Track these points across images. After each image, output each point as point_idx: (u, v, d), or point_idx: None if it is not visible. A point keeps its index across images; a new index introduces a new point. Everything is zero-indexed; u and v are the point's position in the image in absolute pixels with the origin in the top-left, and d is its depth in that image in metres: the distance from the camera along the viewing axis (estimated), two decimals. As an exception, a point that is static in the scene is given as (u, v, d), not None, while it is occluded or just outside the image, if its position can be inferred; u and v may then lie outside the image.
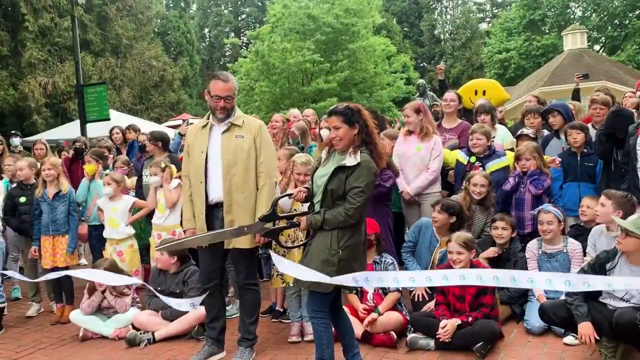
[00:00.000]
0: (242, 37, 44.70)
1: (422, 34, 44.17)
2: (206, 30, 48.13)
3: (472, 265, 4.28)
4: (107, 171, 6.17)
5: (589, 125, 5.58)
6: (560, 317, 3.85)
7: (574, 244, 4.56)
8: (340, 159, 3.44)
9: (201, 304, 4.17)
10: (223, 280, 4.29)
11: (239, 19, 49.36)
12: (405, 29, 44.32)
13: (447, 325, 4.06)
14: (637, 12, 36.63)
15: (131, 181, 6.28)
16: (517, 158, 5.19)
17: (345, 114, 3.43)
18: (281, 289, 4.94)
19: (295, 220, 3.65)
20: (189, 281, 4.85)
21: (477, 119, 6.05)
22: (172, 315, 4.77)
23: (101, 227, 5.73)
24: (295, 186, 4.40)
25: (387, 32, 34.61)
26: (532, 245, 4.67)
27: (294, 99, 25.30)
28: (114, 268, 4.92)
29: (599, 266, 3.66)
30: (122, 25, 26.73)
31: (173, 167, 5.47)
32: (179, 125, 10.17)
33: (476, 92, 7.67)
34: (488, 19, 47.67)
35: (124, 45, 26.95)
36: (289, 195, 3.92)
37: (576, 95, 8.29)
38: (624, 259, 3.60)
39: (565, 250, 4.54)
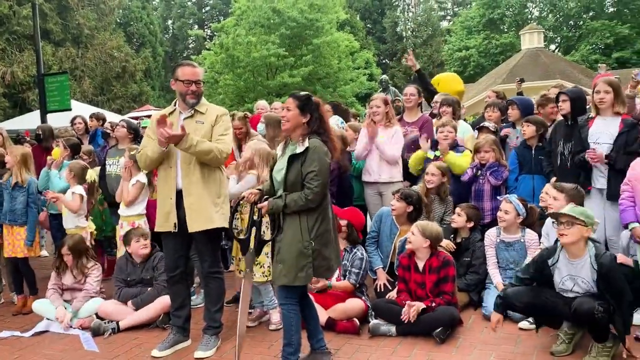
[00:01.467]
0: (206, 30, 44.24)
1: (384, 30, 44.59)
2: (169, 21, 47.39)
3: (436, 255, 4.42)
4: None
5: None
6: (522, 302, 3.87)
7: (531, 235, 4.75)
8: (292, 149, 3.54)
9: (166, 292, 4.19)
10: (187, 268, 4.33)
11: (203, 11, 48.80)
12: (369, 25, 44.65)
13: (414, 306, 4.18)
14: (591, 14, 37.95)
15: (94, 171, 6.22)
16: (477, 150, 5.37)
17: (301, 100, 3.54)
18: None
19: (256, 218, 3.74)
20: (158, 266, 4.89)
21: (439, 111, 6.20)
22: (143, 302, 4.78)
23: (61, 216, 5.65)
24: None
25: (351, 29, 34.82)
26: (491, 233, 4.85)
27: (258, 93, 25.23)
28: (79, 245, 4.98)
29: (542, 262, 3.82)
30: (84, 14, 26.15)
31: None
32: (141, 117, 10.07)
33: (437, 84, 7.87)
34: (449, 17, 48.55)
35: (85, 35, 26.38)
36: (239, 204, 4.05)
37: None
38: (563, 254, 3.74)
39: (522, 240, 4.74)
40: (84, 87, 25.31)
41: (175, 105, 4.12)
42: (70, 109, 11.87)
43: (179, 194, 4.00)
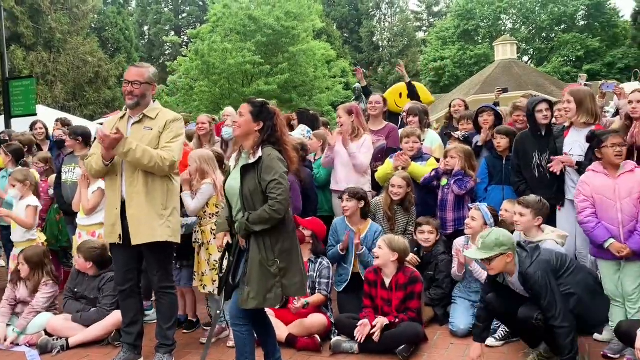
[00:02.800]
0: (182, 36, 43.92)
1: (361, 40, 44.81)
2: (146, 27, 46.99)
3: (403, 270, 4.30)
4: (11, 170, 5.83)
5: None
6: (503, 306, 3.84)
7: None
8: (245, 160, 3.38)
9: (117, 307, 4.00)
10: (140, 282, 4.10)
11: (180, 17, 48.47)
12: (345, 34, 44.82)
13: (377, 324, 4.07)
14: (562, 27, 38.73)
15: (50, 179, 6.00)
16: (444, 156, 5.25)
17: (255, 106, 3.38)
18: (200, 296, 4.82)
19: (232, 258, 3.48)
20: (104, 288, 4.65)
21: (406, 121, 6.08)
22: (83, 319, 4.57)
23: (10, 227, 5.39)
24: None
25: (328, 37, 34.86)
26: (459, 242, 4.72)
27: (233, 100, 24.98)
28: (37, 256, 4.79)
29: (494, 282, 3.84)
30: (56, 19, 25.76)
31: None
32: None
33: (401, 95, 7.77)
34: (425, 28, 48.95)
35: (57, 39, 25.96)
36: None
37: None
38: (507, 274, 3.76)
39: None
40: (55, 93, 24.89)
41: (126, 110, 3.93)
42: (35, 114, 11.53)
43: (124, 204, 3.80)
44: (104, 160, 3.72)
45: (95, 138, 4.11)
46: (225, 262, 3.55)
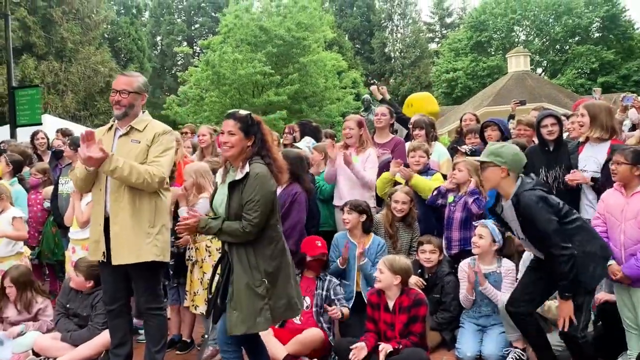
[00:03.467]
0: (194, 47, 44.14)
1: (373, 51, 44.72)
2: (158, 38, 47.30)
3: (407, 292, 4.09)
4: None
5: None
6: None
7: (507, 265, 4.41)
8: (232, 176, 3.18)
9: (106, 327, 3.81)
10: (129, 301, 3.88)
11: (192, 28, 48.74)
12: (357, 45, 44.78)
13: (382, 350, 3.87)
14: (576, 39, 38.38)
15: (46, 190, 5.85)
16: (452, 168, 5.02)
17: (245, 122, 3.17)
18: (191, 316, 4.66)
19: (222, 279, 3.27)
20: (97, 305, 4.45)
21: (412, 134, 5.91)
22: (73, 339, 4.39)
23: None
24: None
25: (339, 48, 34.84)
26: (464, 265, 4.47)
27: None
28: (23, 277, 4.64)
29: (491, 210, 3.83)
30: (68, 28, 25.93)
31: None
32: None
33: (410, 106, 7.63)
34: (437, 39, 48.75)
35: (69, 49, 26.11)
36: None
37: (510, 119, 8.31)
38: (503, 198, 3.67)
39: (499, 271, 4.39)
40: (66, 102, 25.00)
41: (114, 120, 3.71)
42: (40, 124, 11.53)
43: (108, 221, 3.58)
44: (85, 166, 3.50)
45: None
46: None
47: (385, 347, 3.90)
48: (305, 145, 6.27)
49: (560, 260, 3.31)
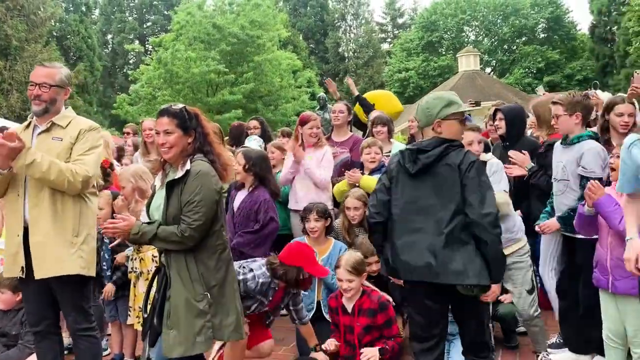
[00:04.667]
0: (147, 45, 43.40)
1: (327, 51, 45.06)
2: (109, 36, 46.27)
3: (368, 294, 3.89)
4: None
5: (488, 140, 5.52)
6: None
7: None
8: (172, 176, 2.85)
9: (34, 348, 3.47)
10: (58, 320, 3.44)
11: (144, 26, 47.87)
12: (311, 45, 44.97)
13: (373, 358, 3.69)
14: (523, 39, 39.76)
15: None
16: None
17: (181, 117, 2.82)
18: (133, 332, 4.26)
19: (157, 295, 2.90)
20: (26, 322, 3.96)
21: (373, 131, 5.57)
22: None
23: None
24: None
25: (294, 48, 34.93)
26: None
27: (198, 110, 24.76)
28: None
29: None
30: (13, 25, 25.01)
31: None
32: None
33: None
34: (389, 40, 49.47)
35: (13, 47, 25.22)
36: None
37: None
38: None
39: None
40: (11, 102, 24.14)
41: (32, 117, 3.32)
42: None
43: (28, 229, 3.17)
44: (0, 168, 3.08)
45: None
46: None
47: (372, 353, 3.68)
48: (257, 144, 5.94)
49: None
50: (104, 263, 4.30)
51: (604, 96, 5.61)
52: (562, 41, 39.18)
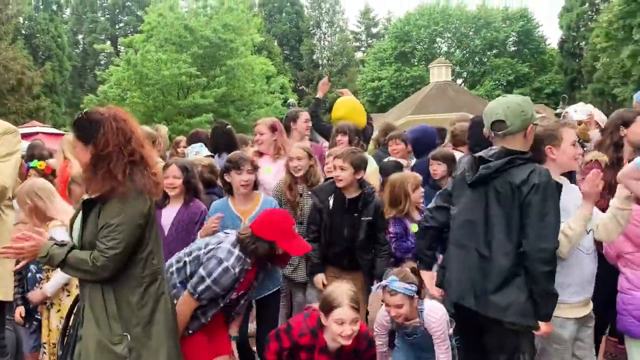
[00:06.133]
0: (118, 46, 42.83)
1: (301, 57, 45.09)
2: (80, 36, 45.53)
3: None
4: None
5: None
6: None
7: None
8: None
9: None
10: None
11: (116, 27, 47.24)
12: (286, 51, 44.98)
13: None
14: (494, 51, 40.46)
15: None
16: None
17: (78, 126, 2.37)
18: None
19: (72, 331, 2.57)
20: None
21: (335, 139, 5.19)
22: None
23: None
24: None
25: (268, 53, 34.87)
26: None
27: (168, 113, 24.41)
28: None
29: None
30: (-24, 22, 24.41)
31: None
32: (31, 135, 9.11)
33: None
34: (363, 49, 49.81)
35: (-23, 44, 24.59)
36: None
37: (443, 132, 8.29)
38: None
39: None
40: (-26, 99, 23.49)
41: None
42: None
43: None
44: None
45: None
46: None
47: None
48: (195, 154, 5.40)
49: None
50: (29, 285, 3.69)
51: (576, 115, 5.37)
52: (532, 55, 39.97)
